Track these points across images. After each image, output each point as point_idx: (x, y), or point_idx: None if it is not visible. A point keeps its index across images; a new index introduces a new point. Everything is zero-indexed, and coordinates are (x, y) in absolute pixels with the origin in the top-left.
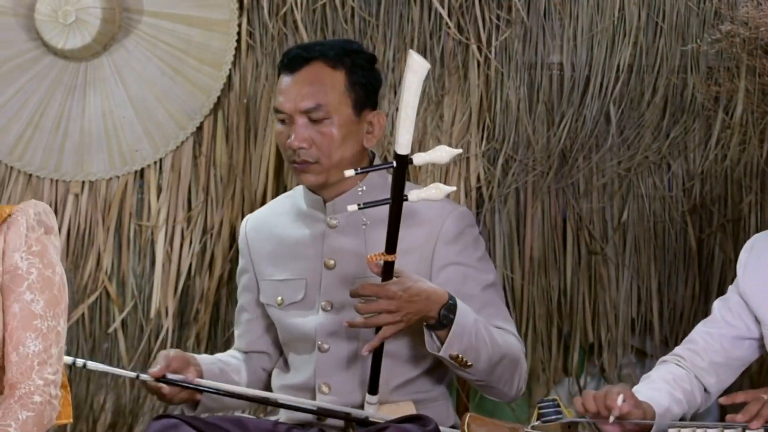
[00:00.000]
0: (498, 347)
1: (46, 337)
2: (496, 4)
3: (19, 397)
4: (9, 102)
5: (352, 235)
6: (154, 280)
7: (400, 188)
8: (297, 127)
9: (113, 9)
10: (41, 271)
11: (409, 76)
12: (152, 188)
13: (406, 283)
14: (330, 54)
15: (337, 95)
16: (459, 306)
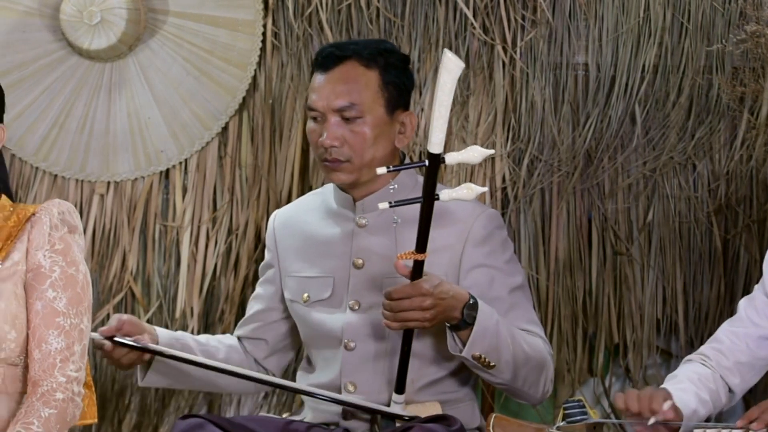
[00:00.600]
0: (522, 349)
1: (69, 334)
2: (522, 5)
3: (42, 394)
4: (35, 102)
5: (381, 235)
6: (179, 281)
7: (432, 187)
8: (329, 126)
9: (138, 9)
10: (64, 269)
11: (443, 75)
12: (177, 189)
13: (434, 280)
14: (364, 53)
15: (371, 94)
16: (481, 306)
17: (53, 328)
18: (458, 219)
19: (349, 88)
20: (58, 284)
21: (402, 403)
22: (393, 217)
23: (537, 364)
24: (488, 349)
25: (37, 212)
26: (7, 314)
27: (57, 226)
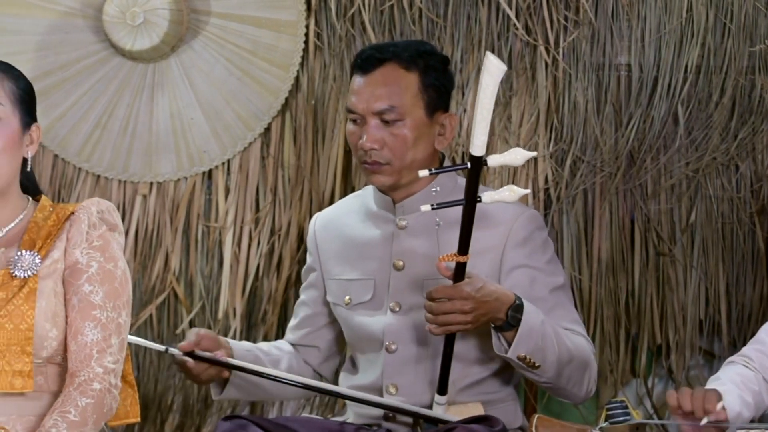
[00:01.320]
0: (566, 348)
1: (106, 327)
2: (564, 5)
3: (78, 384)
4: (77, 103)
5: (422, 237)
6: (221, 281)
7: (474, 189)
8: (369, 128)
9: (181, 10)
10: (102, 265)
11: (485, 78)
12: (220, 189)
13: (477, 283)
14: (404, 55)
15: (411, 97)
16: (526, 307)
17: (89, 320)
18: (500, 221)
19: (389, 90)
20: (94, 279)
21: (444, 405)
22: (435, 219)
23: (581, 363)
24: (533, 350)
25: (76, 211)
26: (48, 312)
27: (95, 225)
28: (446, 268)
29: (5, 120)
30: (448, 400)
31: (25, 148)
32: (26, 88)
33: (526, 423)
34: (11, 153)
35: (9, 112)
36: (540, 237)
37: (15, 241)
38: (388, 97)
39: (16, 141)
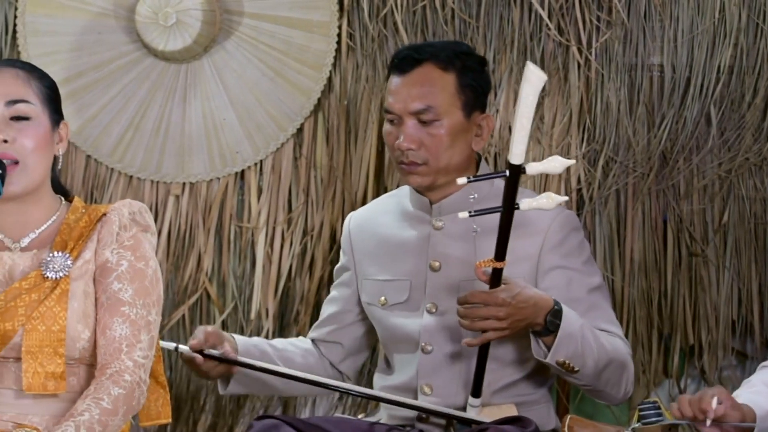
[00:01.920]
0: (605, 351)
1: (135, 323)
2: (597, 6)
3: (111, 374)
4: (110, 104)
5: (459, 238)
6: (254, 282)
7: (512, 197)
8: (406, 128)
9: (214, 11)
10: (132, 263)
11: (525, 87)
12: (253, 190)
13: (514, 290)
14: (441, 55)
15: (448, 97)
16: (565, 312)
17: (118, 316)
18: (536, 226)
19: (426, 90)
20: (124, 277)
21: (478, 407)
22: (472, 226)
23: (619, 365)
24: (572, 355)
25: (108, 212)
26: (80, 314)
27: (126, 226)
28: (484, 273)
29: (35, 119)
30: (482, 401)
31: (55, 146)
32: (52, 86)
33: (559, 424)
34: (43, 151)
35: (39, 111)
36: (576, 238)
37: (47, 242)
38: (426, 97)
39: (47, 139)
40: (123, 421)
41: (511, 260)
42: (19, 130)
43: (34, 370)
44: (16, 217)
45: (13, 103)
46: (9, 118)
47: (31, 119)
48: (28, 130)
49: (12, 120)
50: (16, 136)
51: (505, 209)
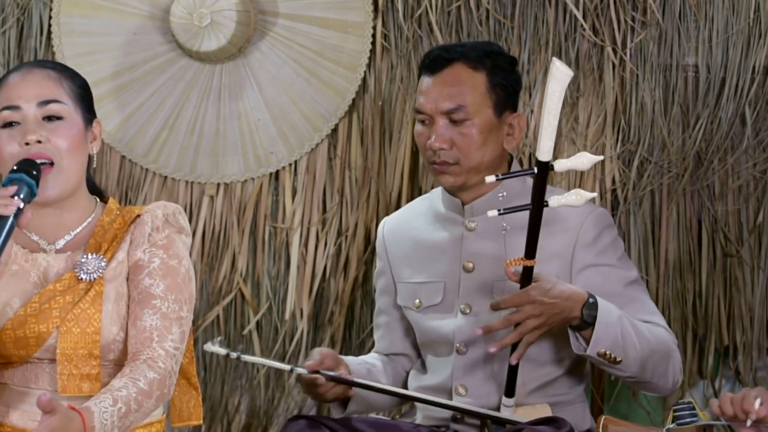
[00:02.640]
0: (646, 340)
1: (166, 316)
2: (631, 6)
3: (144, 359)
4: (145, 104)
5: (491, 238)
6: (288, 282)
7: (540, 195)
8: (438, 128)
9: (248, 12)
10: (164, 261)
11: (552, 84)
12: (287, 190)
13: (545, 286)
14: (471, 55)
15: (479, 96)
16: (600, 303)
17: (148, 308)
18: (568, 223)
19: (457, 90)
20: (156, 273)
21: (512, 407)
22: (502, 224)
23: (663, 355)
24: (613, 345)
25: (142, 214)
26: (114, 315)
27: (159, 227)
28: (514, 272)
29: (68, 118)
30: (516, 401)
31: (89, 145)
32: (83, 85)
33: (593, 425)
34: (77, 151)
35: (71, 110)
36: (609, 235)
37: (82, 244)
38: (457, 97)
39: (80, 139)
40: (155, 407)
41: (542, 258)
42: (51, 130)
43: (69, 372)
44: (51, 219)
45: (45, 104)
46: (41, 119)
47: (63, 119)
48: (61, 130)
49: (44, 120)
50: (49, 136)
51: (534, 206)
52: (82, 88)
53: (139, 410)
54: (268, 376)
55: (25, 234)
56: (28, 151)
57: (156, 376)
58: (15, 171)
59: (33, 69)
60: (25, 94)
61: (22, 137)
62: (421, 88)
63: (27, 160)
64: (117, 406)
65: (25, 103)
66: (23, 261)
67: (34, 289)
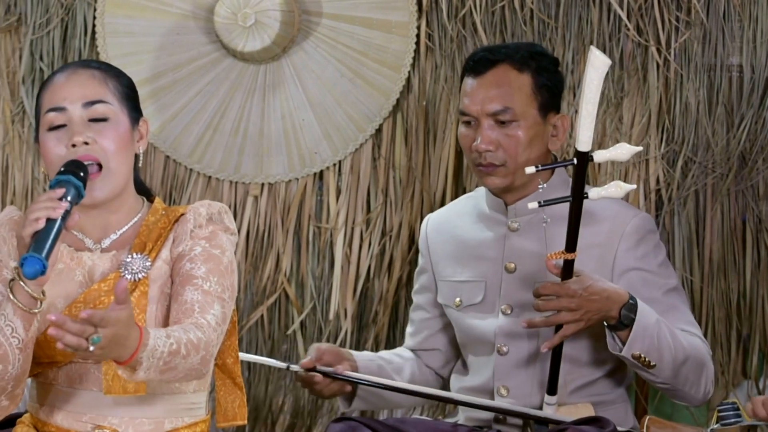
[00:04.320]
0: (682, 348)
1: (208, 293)
2: (676, 6)
3: (191, 322)
4: (189, 104)
5: (533, 238)
6: (333, 282)
7: (580, 185)
8: (483, 130)
9: (292, 12)
10: (206, 248)
11: (590, 72)
12: (331, 190)
13: (585, 281)
14: (516, 57)
15: (524, 98)
16: (640, 306)
17: (189, 285)
18: (608, 217)
19: (503, 92)
20: (197, 258)
21: (554, 405)
22: (542, 217)
23: (697, 364)
24: (648, 349)
25: (186, 213)
26: (159, 314)
27: (202, 225)
28: (555, 265)
29: (114, 119)
30: (559, 401)
31: (135, 144)
32: (129, 84)
33: (636, 425)
34: (124, 152)
35: (117, 111)
36: (652, 240)
37: (127, 244)
38: (503, 98)
39: (127, 139)
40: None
41: (581, 248)
42: (98, 131)
43: (113, 372)
44: (98, 219)
45: (91, 104)
46: (88, 120)
47: (109, 120)
48: (108, 132)
49: (91, 122)
50: (96, 138)
51: (574, 198)
52: (128, 87)
53: (186, 358)
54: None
55: (71, 232)
56: (75, 153)
57: (203, 337)
58: (62, 172)
59: (78, 69)
60: (71, 96)
61: (68, 139)
62: (466, 90)
63: (74, 161)
64: (170, 341)
65: (70, 104)
66: (68, 259)
67: (78, 288)
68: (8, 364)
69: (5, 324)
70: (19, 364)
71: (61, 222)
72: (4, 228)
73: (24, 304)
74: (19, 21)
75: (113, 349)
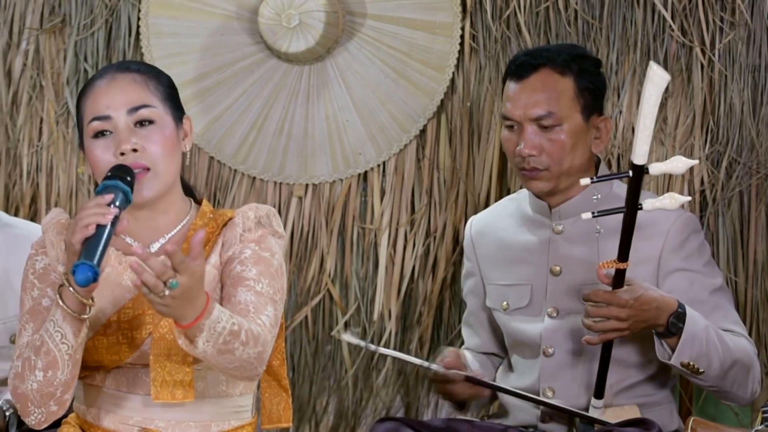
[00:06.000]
0: (729, 352)
1: (260, 294)
2: (720, 6)
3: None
4: (234, 105)
5: (579, 242)
6: (377, 283)
7: (635, 197)
8: (527, 135)
9: (336, 13)
10: (256, 251)
11: (648, 88)
12: (375, 191)
13: (637, 291)
14: (558, 60)
15: (567, 102)
16: (688, 313)
17: (242, 286)
18: (657, 227)
19: (546, 96)
20: (248, 261)
21: (601, 408)
22: (594, 226)
23: (744, 365)
24: (697, 356)
25: (234, 216)
26: None
27: (251, 229)
28: (606, 275)
29: (159, 121)
30: (605, 402)
31: (181, 143)
32: (169, 83)
33: (681, 426)
34: (172, 153)
35: (161, 112)
36: (696, 240)
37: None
38: (546, 103)
39: (174, 140)
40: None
41: (634, 261)
42: (145, 136)
43: (162, 378)
44: (146, 223)
45: (135, 110)
46: (133, 125)
47: (155, 122)
48: (155, 136)
49: (136, 126)
50: (143, 144)
51: (628, 209)
52: (169, 87)
53: (244, 346)
54: (356, 377)
55: (120, 236)
56: (124, 161)
57: (261, 333)
58: (109, 177)
59: (117, 75)
60: (114, 103)
61: (116, 147)
62: (508, 94)
63: (121, 166)
64: (233, 320)
65: (114, 111)
66: (117, 263)
67: (127, 293)
68: (58, 369)
69: (55, 330)
70: (69, 369)
71: (110, 228)
72: (52, 231)
73: (73, 309)
74: (63, 22)
75: (181, 305)
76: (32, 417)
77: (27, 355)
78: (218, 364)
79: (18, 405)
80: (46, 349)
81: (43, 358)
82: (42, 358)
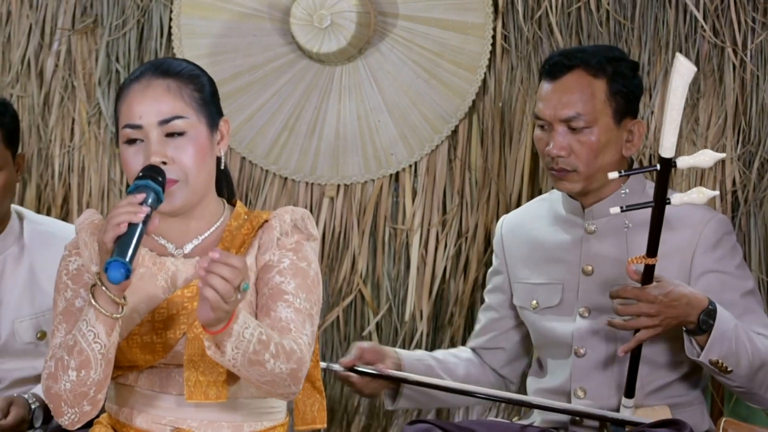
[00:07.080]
0: (759, 353)
1: (299, 311)
2: (752, 7)
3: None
4: (265, 106)
5: (611, 241)
6: (408, 283)
7: (663, 191)
8: (556, 135)
9: (368, 13)
10: (294, 262)
11: (675, 79)
12: (407, 191)
13: (666, 287)
14: (592, 62)
15: (598, 104)
16: (719, 311)
17: (281, 301)
18: (688, 223)
19: (577, 98)
20: (286, 272)
21: (632, 408)
22: (624, 221)
23: None
24: (726, 354)
25: (270, 219)
26: None
27: (288, 233)
28: (635, 271)
29: (191, 132)
30: (636, 403)
31: (216, 147)
32: (207, 87)
33: (713, 427)
34: (204, 162)
35: (194, 122)
36: (729, 242)
37: (210, 249)
38: (576, 105)
39: (206, 149)
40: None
41: (662, 255)
42: (176, 147)
43: (195, 379)
44: (178, 225)
45: (167, 122)
46: (164, 135)
47: (186, 134)
48: (187, 147)
49: (167, 137)
50: (174, 156)
51: (656, 204)
52: (206, 92)
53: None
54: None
55: (152, 237)
56: None
57: (297, 351)
58: (140, 177)
59: (152, 82)
60: (146, 113)
61: (146, 158)
62: (541, 94)
63: (152, 166)
64: (260, 329)
65: (146, 121)
66: (150, 264)
67: (161, 293)
68: (90, 369)
69: (87, 329)
70: (101, 369)
71: (142, 226)
72: (85, 232)
73: (106, 309)
74: (95, 23)
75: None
76: (66, 417)
77: (60, 356)
78: (250, 377)
79: (51, 405)
80: (79, 348)
81: (76, 357)
82: (75, 357)
